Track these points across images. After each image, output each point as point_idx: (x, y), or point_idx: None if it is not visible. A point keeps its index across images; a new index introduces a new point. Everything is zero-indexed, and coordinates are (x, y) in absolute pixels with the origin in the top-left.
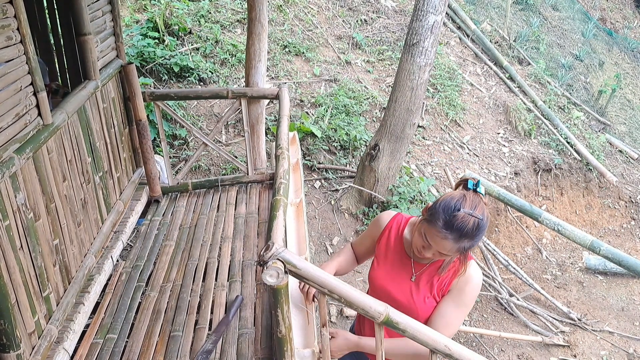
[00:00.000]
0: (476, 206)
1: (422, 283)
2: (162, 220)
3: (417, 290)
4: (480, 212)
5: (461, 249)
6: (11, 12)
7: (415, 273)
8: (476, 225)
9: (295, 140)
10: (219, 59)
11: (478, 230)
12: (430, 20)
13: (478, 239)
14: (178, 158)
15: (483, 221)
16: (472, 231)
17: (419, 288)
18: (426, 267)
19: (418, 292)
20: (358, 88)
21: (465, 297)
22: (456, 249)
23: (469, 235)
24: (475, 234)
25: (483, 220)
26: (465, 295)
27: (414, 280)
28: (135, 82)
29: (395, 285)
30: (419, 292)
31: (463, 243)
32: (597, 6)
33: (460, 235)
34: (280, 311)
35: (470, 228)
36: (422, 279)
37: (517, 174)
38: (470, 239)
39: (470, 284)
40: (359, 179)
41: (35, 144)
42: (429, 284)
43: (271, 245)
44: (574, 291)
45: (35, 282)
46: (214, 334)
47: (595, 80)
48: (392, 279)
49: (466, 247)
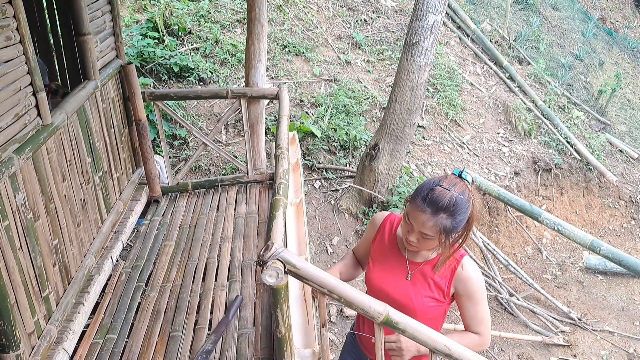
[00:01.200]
0: (455, 184)
1: (419, 282)
2: (162, 220)
3: (414, 289)
4: (459, 190)
5: (440, 226)
6: (10, 12)
7: (410, 272)
8: (454, 201)
9: (295, 140)
10: (219, 59)
11: (456, 206)
12: (430, 20)
13: (458, 217)
14: (178, 158)
15: (461, 198)
16: (450, 206)
17: (416, 287)
18: (421, 265)
19: (415, 291)
20: (358, 88)
21: (476, 293)
22: (435, 225)
23: (446, 209)
24: (454, 210)
25: (461, 197)
26: (476, 291)
27: (410, 279)
28: (135, 82)
29: (392, 285)
30: (416, 291)
31: (441, 218)
32: (597, 6)
33: (436, 208)
34: (280, 311)
35: (447, 201)
36: (418, 277)
37: (517, 174)
38: (448, 215)
39: (475, 282)
40: (359, 178)
41: (35, 144)
42: (426, 282)
43: (271, 245)
44: (574, 291)
45: (34, 283)
46: (214, 334)
47: (595, 79)
48: (389, 278)
49: (446, 225)
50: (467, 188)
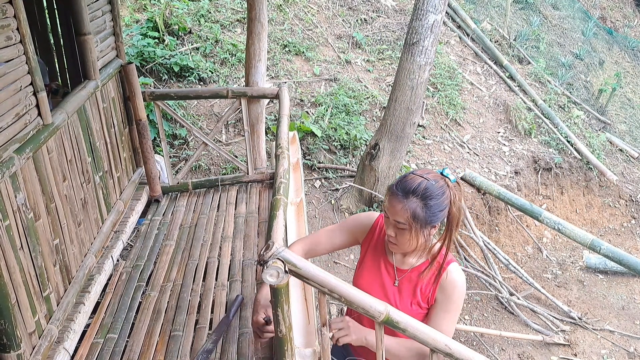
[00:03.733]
0: (429, 173)
1: (405, 288)
2: (162, 219)
3: (399, 296)
4: (432, 178)
5: (410, 209)
6: (11, 12)
7: (398, 278)
8: (423, 185)
9: (296, 140)
10: (219, 58)
11: (426, 190)
12: (430, 19)
13: (429, 202)
14: (178, 158)
15: (432, 184)
16: (419, 189)
17: (402, 293)
18: (407, 272)
19: (401, 298)
20: (358, 87)
21: (453, 303)
22: (404, 209)
23: (415, 192)
24: (424, 195)
25: (432, 184)
26: (453, 302)
27: (397, 285)
28: (135, 81)
29: (379, 290)
30: (402, 298)
31: (410, 201)
32: (597, 5)
33: (406, 192)
34: (281, 311)
35: (416, 185)
36: (405, 284)
37: (518, 173)
38: (417, 198)
39: (457, 289)
40: (359, 178)
41: (35, 144)
42: (412, 290)
43: (271, 244)
44: (574, 290)
45: (35, 282)
46: (215, 334)
47: (595, 79)
48: (376, 283)
49: (415, 209)
50: (445, 182)
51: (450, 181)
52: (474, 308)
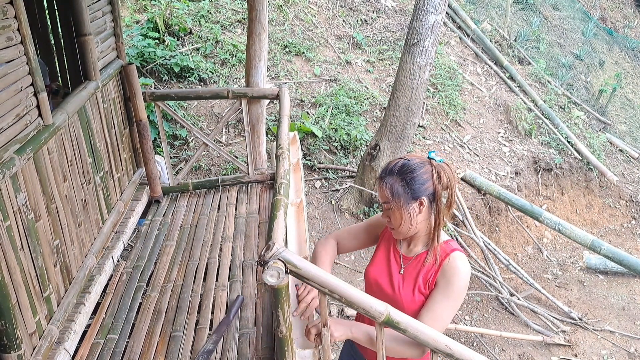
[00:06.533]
0: (412, 156)
1: (409, 276)
2: (163, 220)
3: (403, 283)
4: (412, 157)
5: (389, 187)
6: (11, 12)
7: (403, 265)
8: (401, 163)
9: (296, 140)
10: (219, 59)
11: (403, 167)
12: (431, 19)
13: (408, 177)
14: (178, 158)
15: (409, 163)
16: (397, 168)
17: (406, 280)
18: (412, 259)
19: (404, 285)
20: (358, 88)
21: (453, 288)
22: (384, 187)
23: (393, 171)
24: (402, 172)
25: (409, 162)
26: (453, 287)
27: (402, 272)
28: (136, 82)
29: (386, 278)
30: (405, 285)
31: (389, 179)
32: (597, 5)
33: (386, 173)
34: (281, 311)
35: (394, 165)
36: (410, 271)
37: (518, 174)
38: (396, 176)
39: (458, 275)
40: (360, 178)
41: (36, 145)
42: (416, 276)
43: (272, 245)
44: (574, 290)
45: (36, 283)
46: (215, 334)
47: (595, 79)
48: (384, 272)
49: (393, 185)
50: (429, 162)
51: (436, 161)
52: (474, 308)
